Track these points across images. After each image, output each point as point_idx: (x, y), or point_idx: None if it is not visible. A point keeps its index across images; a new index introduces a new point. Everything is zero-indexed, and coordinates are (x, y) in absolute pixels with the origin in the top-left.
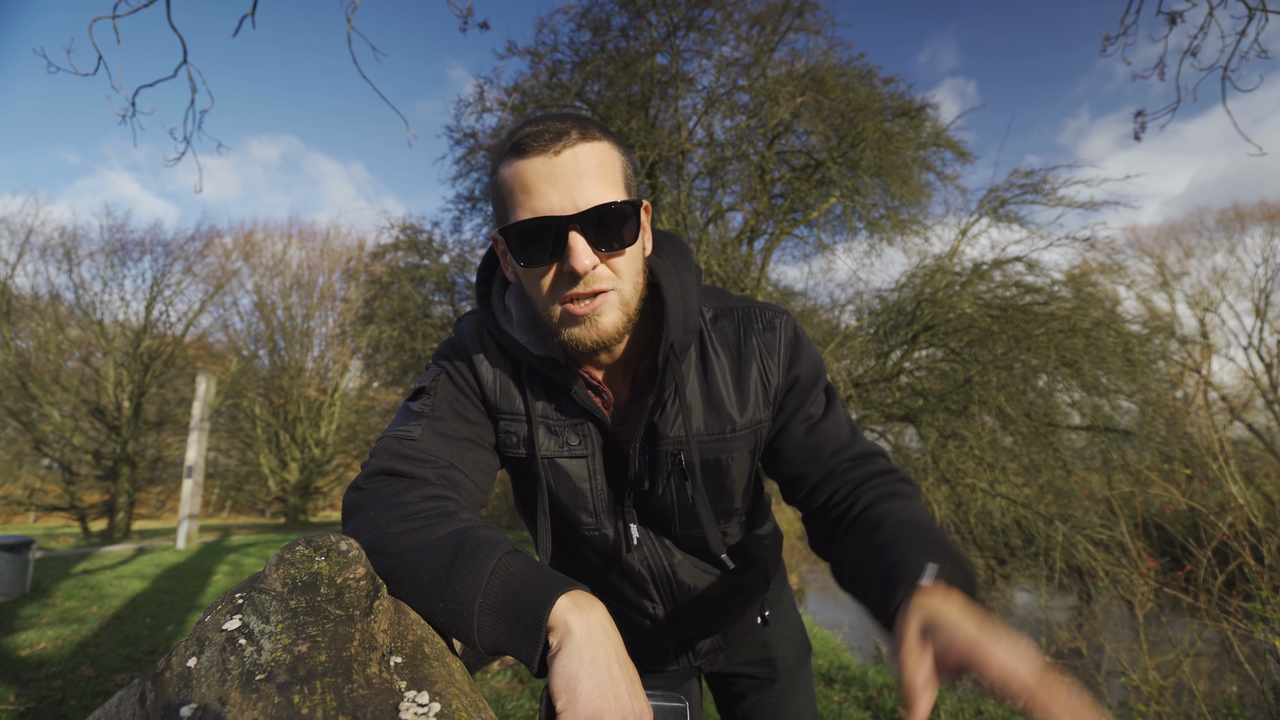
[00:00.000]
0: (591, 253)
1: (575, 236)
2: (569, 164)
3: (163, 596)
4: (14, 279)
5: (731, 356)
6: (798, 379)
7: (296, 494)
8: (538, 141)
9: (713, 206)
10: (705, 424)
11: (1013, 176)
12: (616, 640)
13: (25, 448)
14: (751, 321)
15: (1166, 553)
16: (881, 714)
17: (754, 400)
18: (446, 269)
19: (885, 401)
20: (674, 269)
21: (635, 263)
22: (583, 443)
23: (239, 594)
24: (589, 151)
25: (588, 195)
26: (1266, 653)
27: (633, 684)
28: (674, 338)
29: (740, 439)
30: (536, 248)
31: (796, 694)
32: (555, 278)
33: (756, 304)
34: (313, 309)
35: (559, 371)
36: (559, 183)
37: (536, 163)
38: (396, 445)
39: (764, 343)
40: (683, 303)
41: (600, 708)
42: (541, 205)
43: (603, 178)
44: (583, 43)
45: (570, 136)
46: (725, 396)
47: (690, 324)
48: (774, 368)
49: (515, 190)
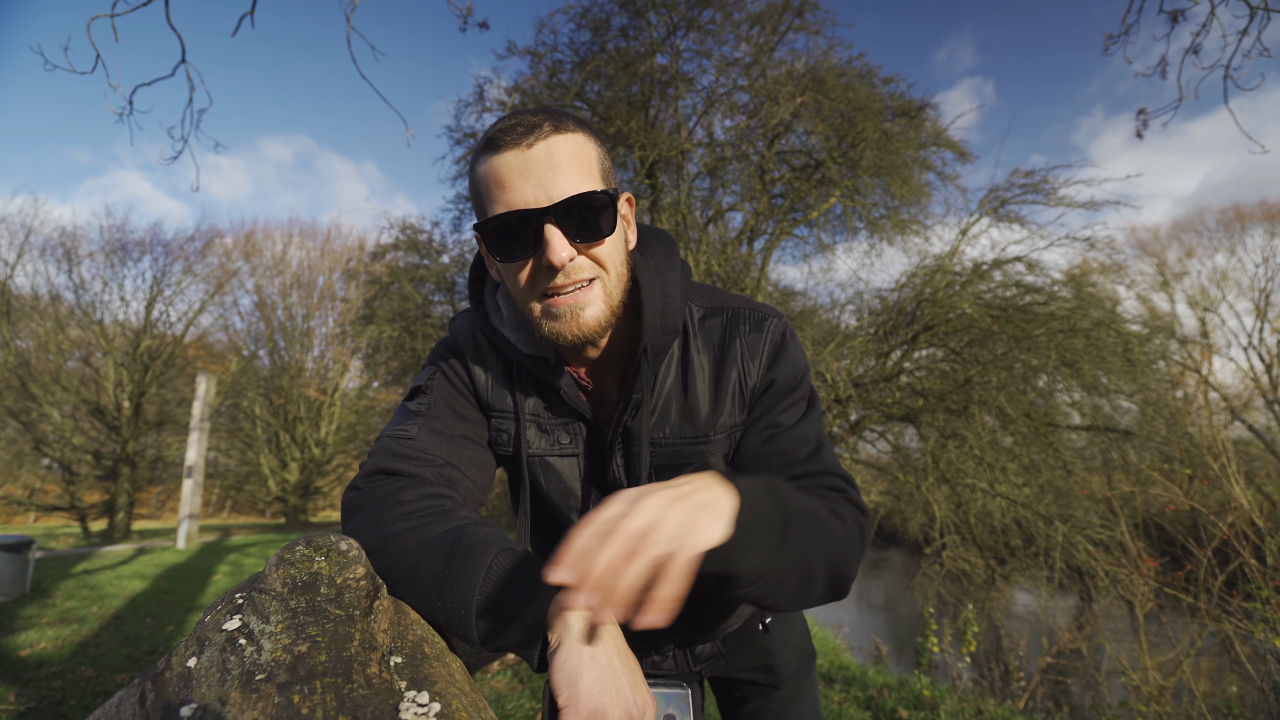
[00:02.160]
0: (568, 245)
1: (551, 229)
2: (542, 156)
3: (163, 596)
4: (14, 279)
5: (713, 359)
6: (773, 382)
7: (296, 494)
8: (510, 135)
9: (713, 206)
10: (680, 428)
11: (1013, 176)
12: (616, 634)
13: (25, 448)
14: (738, 323)
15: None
16: (881, 714)
17: (730, 404)
18: (446, 269)
19: (885, 401)
20: (656, 268)
21: (618, 252)
22: (573, 441)
23: (239, 594)
24: (562, 143)
25: (562, 187)
26: (1266, 653)
27: (634, 676)
28: (648, 340)
29: (715, 443)
30: (513, 242)
31: (799, 701)
32: (534, 271)
33: (749, 304)
34: (313, 309)
35: (548, 370)
36: (532, 175)
37: (510, 156)
38: (394, 445)
39: (747, 344)
40: (661, 304)
41: (602, 702)
42: (516, 199)
43: (577, 169)
44: (583, 43)
45: (543, 129)
46: (701, 400)
47: (669, 325)
48: (753, 369)
49: (490, 185)
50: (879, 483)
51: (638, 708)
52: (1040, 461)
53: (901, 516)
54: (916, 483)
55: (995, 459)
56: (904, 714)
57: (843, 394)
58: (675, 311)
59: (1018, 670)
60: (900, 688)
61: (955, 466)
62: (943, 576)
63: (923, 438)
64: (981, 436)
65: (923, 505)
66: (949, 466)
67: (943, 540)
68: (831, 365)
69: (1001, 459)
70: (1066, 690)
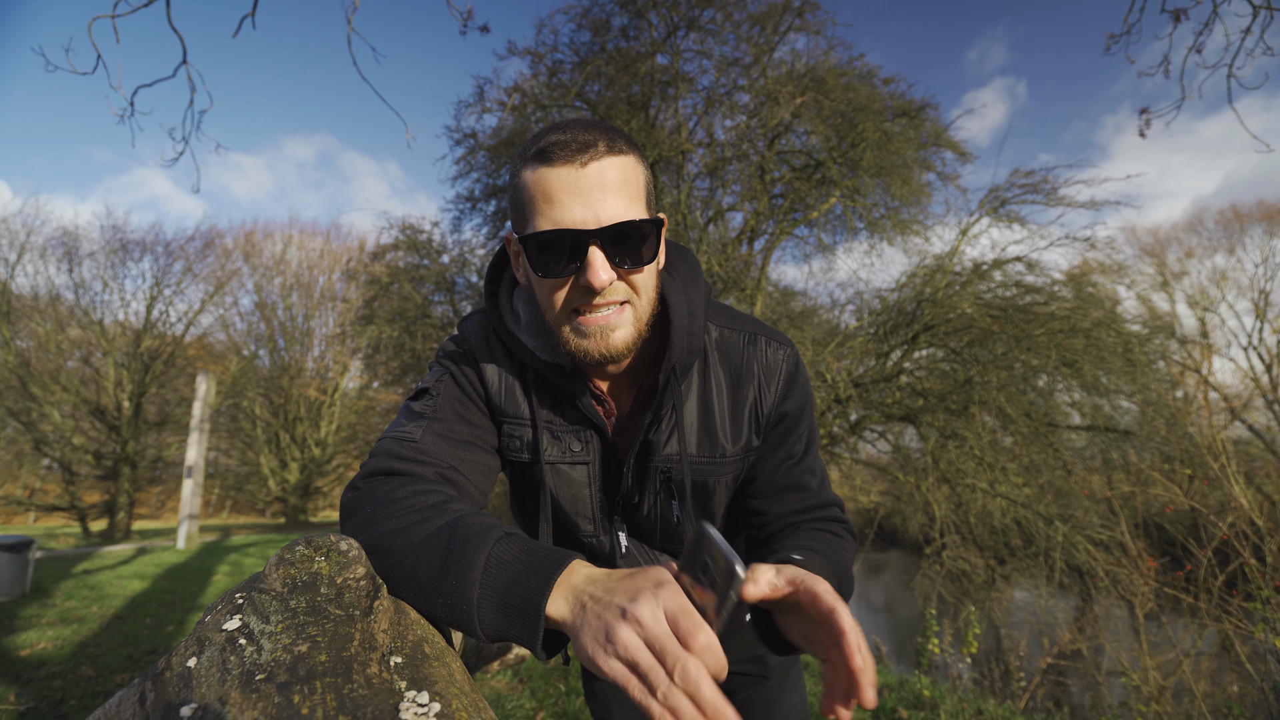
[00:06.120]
0: (610, 268)
1: (595, 251)
2: (594, 177)
3: (163, 596)
4: (14, 279)
5: (731, 380)
6: (786, 414)
7: (296, 494)
8: (564, 151)
9: (713, 206)
10: (698, 447)
11: (1013, 176)
12: (609, 576)
13: (25, 448)
14: (757, 347)
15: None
16: (881, 714)
17: (747, 428)
18: (446, 269)
19: (885, 401)
20: (683, 288)
21: (651, 279)
22: (585, 449)
23: (239, 594)
24: (614, 166)
25: (610, 210)
26: (1266, 653)
27: (635, 578)
28: (676, 359)
29: (729, 464)
30: (555, 258)
31: (787, 690)
32: (571, 289)
33: (764, 329)
34: (313, 309)
35: (565, 379)
36: (583, 195)
37: (562, 172)
38: (395, 446)
39: (764, 370)
40: (688, 323)
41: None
42: (564, 217)
43: (626, 193)
44: (583, 43)
45: (598, 149)
46: (720, 422)
47: (694, 345)
48: (768, 397)
49: (538, 198)
50: (879, 483)
51: (651, 578)
52: (1040, 461)
53: (901, 516)
54: (916, 483)
55: (995, 459)
56: (904, 714)
57: (843, 394)
58: (700, 331)
59: (1018, 670)
60: (900, 688)
61: (955, 466)
62: (943, 577)
63: (923, 438)
64: (981, 436)
65: (923, 505)
66: (949, 466)
67: (943, 540)
68: (831, 365)
69: (1001, 459)
70: (1066, 690)
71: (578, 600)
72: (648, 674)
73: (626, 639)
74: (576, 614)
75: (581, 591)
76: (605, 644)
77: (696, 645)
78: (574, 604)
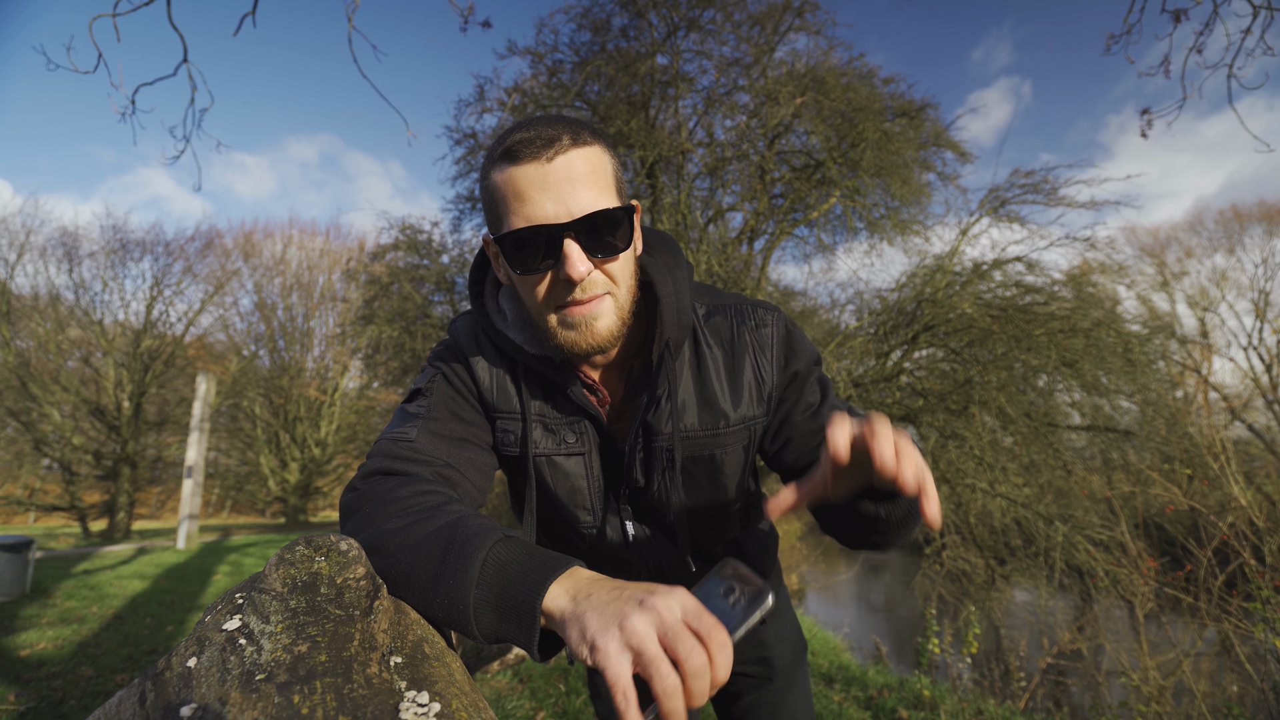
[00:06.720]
0: (586, 259)
1: (570, 244)
2: (562, 171)
3: (163, 596)
4: (14, 279)
5: (725, 352)
6: (796, 374)
7: (296, 494)
8: (530, 148)
9: (713, 206)
10: (699, 420)
11: (1014, 176)
12: (606, 582)
13: (25, 448)
14: (745, 318)
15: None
16: (881, 714)
17: (748, 397)
18: (446, 269)
19: (885, 401)
20: (665, 266)
21: (628, 266)
22: (579, 440)
23: (239, 594)
24: (581, 157)
25: (581, 202)
26: (1266, 653)
27: (634, 588)
28: (669, 335)
29: (734, 434)
30: (531, 255)
31: (793, 692)
32: (551, 284)
33: (748, 301)
34: (313, 309)
35: (555, 371)
36: (552, 190)
37: (529, 169)
38: (392, 447)
39: (757, 339)
40: (676, 300)
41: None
42: (535, 213)
43: (595, 184)
44: (583, 43)
45: (562, 142)
46: (719, 392)
47: (684, 321)
48: (768, 366)
49: (509, 197)
50: None
51: (649, 591)
52: (1040, 461)
53: None
54: None
55: (995, 459)
56: (904, 714)
57: (843, 394)
58: (688, 308)
59: (1018, 670)
60: (900, 688)
61: (955, 466)
62: (943, 577)
63: (923, 438)
64: (981, 436)
65: None
66: (949, 466)
67: (943, 540)
68: (831, 365)
69: (1001, 459)
70: (1066, 690)
71: (578, 598)
72: (650, 664)
73: (639, 625)
74: (577, 606)
75: (583, 591)
76: (609, 630)
77: (714, 642)
78: (574, 600)
